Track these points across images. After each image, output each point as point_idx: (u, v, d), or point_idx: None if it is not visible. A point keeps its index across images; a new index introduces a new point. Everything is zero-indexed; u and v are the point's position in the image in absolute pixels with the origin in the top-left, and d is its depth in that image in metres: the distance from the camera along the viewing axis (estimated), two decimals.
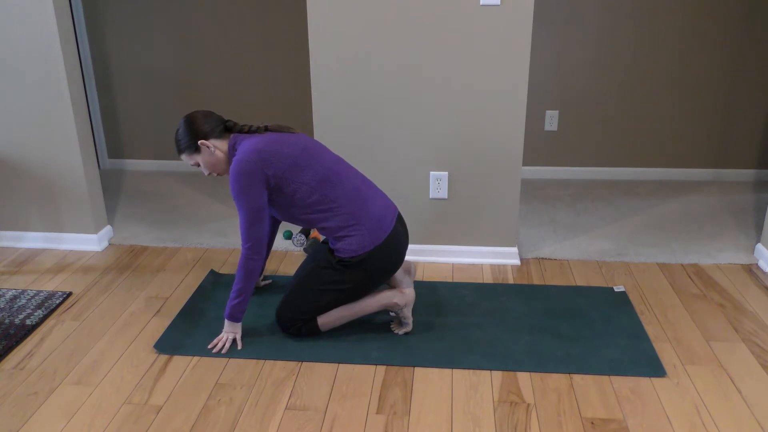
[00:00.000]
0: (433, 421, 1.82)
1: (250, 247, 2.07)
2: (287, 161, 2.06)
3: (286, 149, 2.08)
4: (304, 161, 2.09)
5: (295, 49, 3.77)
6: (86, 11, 3.84)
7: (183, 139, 2.13)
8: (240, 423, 1.82)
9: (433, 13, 2.44)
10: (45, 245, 3.01)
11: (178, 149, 2.16)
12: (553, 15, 3.51)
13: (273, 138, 2.10)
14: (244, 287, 2.11)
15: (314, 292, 2.15)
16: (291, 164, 2.06)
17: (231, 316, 2.16)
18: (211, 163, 2.15)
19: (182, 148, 2.14)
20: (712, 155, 3.75)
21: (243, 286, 2.11)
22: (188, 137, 2.12)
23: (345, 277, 2.12)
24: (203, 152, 2.13)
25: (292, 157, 2.07)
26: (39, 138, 2.83)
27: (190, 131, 2.11)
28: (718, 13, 3.44)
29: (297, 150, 2.09)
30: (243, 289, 2.12)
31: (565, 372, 2.01)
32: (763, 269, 2.68)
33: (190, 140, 2.12)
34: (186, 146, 2.13)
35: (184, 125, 2.12)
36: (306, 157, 2.09)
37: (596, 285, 2.58)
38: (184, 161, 2.25)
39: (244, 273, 2.10)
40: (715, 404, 1.87)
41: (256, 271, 2.11)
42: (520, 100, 2.54)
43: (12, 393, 1.96)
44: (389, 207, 2.19)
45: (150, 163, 4.15)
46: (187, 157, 2.16)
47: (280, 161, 2.05)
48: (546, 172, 3.86)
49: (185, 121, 2.13)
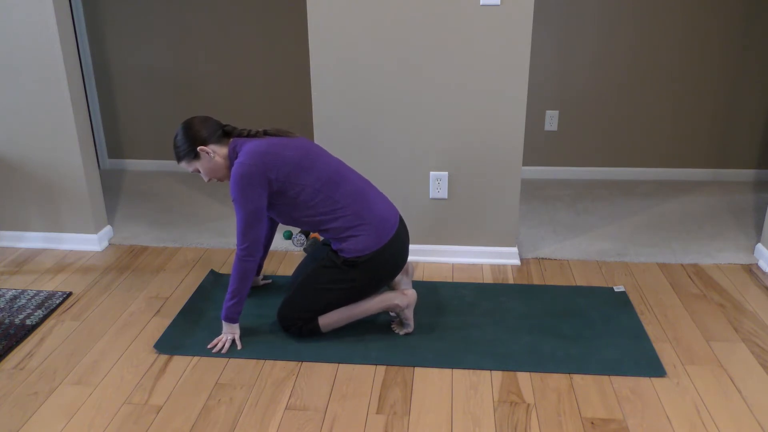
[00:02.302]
0: (433, 421, 1.82)
1: (245, 248, 2.07)
2: (290, 164, 2.06)
3: (289, 152, 2.08)
4: (308, 164, 2.08)
5: (295, 49, 3.77)
6: (86, 11, 3.84)
7: (182, 146, 2.12)
8: (240, 423, 1.82)
9: (433, 13, 2.44)
10: (45, 245, 3.01)
11: (177, 156, 2.15)
12: (553, 15, 3.51)
13: (274, 141, 2.10)
14: (239, 288, 2.11)
15: (316, 292, 2.15)
16: (294, 167, 2.06)
17: (227, 317, 2.16)
18: (211, 168, 2.15)
19: (181, 155, 2.13)
20: (712, 155, 3.75)
21: (237, 287, 2.11)
22: (187, 143, 2.10)
23: (349, 277, 2.12)
24: (203, 158, 2.13)
25: (294, 160, 2.07)
26: (39, 138, 2.83)
27: (188, 137, 2.10)
28: (718, 13, 3.44)
29: (299, 153, 2.09)
30: (237, 291, 2.11)
31: (565, 372, 2.01)
32: (763, 269, 2.68)
33: (189, 146, 2.11)
34: (185, 153, 2.12)
35: (182, 132, 2.11)
36: (309, 160, 2.09)
37: (596, 285, 2.58)
38: (184, 168, 2.25)
39: (239, 274, 2.09)
40: (715, 404, 1.87)
41: (250, 273, 2.10)
42: (520, 100, 2.54)
43: (12, 393, 1.96)
44: (391, 208, 2.19)
45: (150, 163, 4.15)
46: (187, 164, 2.15)
47: (283, 164, 2.05)
48: (546, 172, 3.86)
49: (183, 127, 2.12)
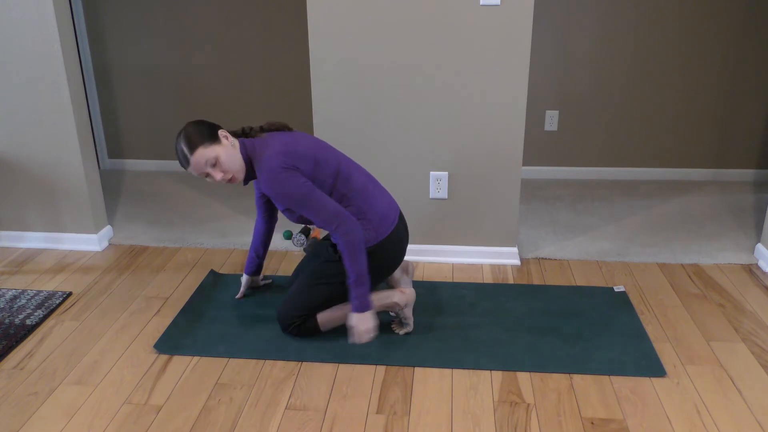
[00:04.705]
0: (433, 421, 1.82)
1: (337, 227, 1.98)
2: (310, 158, 2.03)
3: (302, 149, 2.04)
4: (321, 157, 2.07)
5: (295, 49, 3.77)
6: (86, 11, 3.84)
7: (199, 134, 1.95)
8: (240, 423, 1.82)
9: (433, 13, 2.44)
10: (45, 245, 3.01)
11: (193, 145, 1.95)
12: (553, 15, 3.51)
13: (284, 139, 2.05)
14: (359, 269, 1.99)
15: (315, 287, 2.14)
16: (313, 162, 2.04)
17: (363, 307, 2.03)
18: (231, 156, 1.99)
19: (199, 141, 1.95)
20: (712, 155, 3.75)
21: (357, 268, 1.99)
22: (205, 129, 1.97)
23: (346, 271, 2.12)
24: (223, 143, 1.98)
25: (311, 154, 2.04)
26: (39, 138, 2.83)
27: (202, 126, 1.98)
28: (718, 14, 3.44)
29: (312, 146, 2.07)
30: (358, 271, 1.99)
31: (565, 372, 2.01)
32: (763, 269, 2.68)
33: (209, 131, 1.97)
34: (206, 137, 1.95)
35: (193, 127, 1.98)
36: (321, 153, 2.07)
37: (596, 285, 2.58)
38: (197, 167, 1.98)
39: (350, 253, 1.97)
40: (715, 404, 1.87)
41: (359, 244, 1.99)
42: (520, 100, 2.54)
43: (12, 393, 1.96)
44: (392, 203, 2.19)
45: (150, 163, 4.15)
46: (204, 149, 1.95)
47: (305, 159, 2.02)
48: (546, 172, 3.86)
49: (189, 126, 1.99)
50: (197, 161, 1.97)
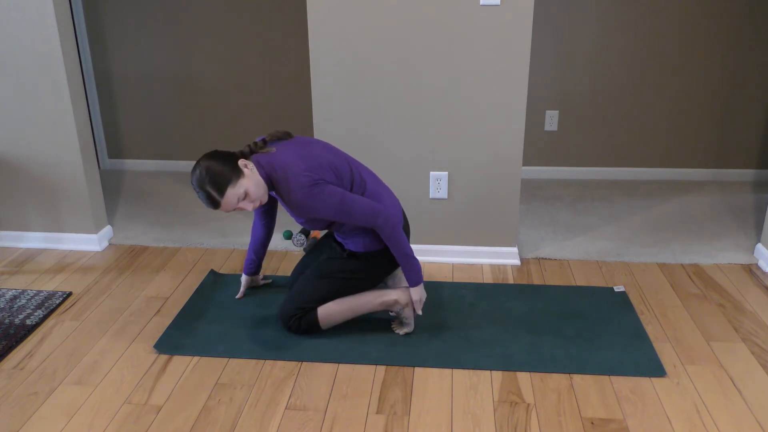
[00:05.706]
0: (433, 421, 1.82)
1: (383, 221, 2.02)
2: (331, 169, 2.03)
3: (322, 160, 2.02)
4: (336, 165, 2.06)
5: (295, 49, 3.77)
6: (86, 12, 3.84)
7: (221, 174, 1.87)
8: (240, 423, 1.82)
9: (433, 13, 2.44)
10: (45, 245, 3.01)
11: (220, 187, 1.87)
12: (553, 15, 3.51)
13: (298, 152, 2.01)
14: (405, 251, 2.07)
15: (318, 281, 2.16)
16: (333, 171, 2.03)
17: (418, 281, 2.13)
18: (258, 182, 1.93)
19: (226, 182, 1.87)
20: (712, 155, 3.75)
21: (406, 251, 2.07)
22: (225, 166, 1.89)
23: (349, 267, 2.15)
24: (247, 175, 1.91)
25: (327, 163, 2.03)
26: (39, 138, 2.83)
27: (221, 159, 1.91)
28: (718, 14, 3.44)
29: (325, 155, 2.06)
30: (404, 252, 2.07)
31: (565, 372, 2.01)
32: (763, 269, 2.68)
33: (231, 167, 1.89)
34: (229, 176, 1.88)
35: (216, 160, 1.90)
36: (335, 161, 2.07)
37: (596, 285, 2.58)
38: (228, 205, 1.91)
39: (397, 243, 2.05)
40: (715, 404, 1.87)
41: (402, 235, 2.07)
42: (520, 100, 2.54)
43: (12, 393, 1.96)
44: (396, 202, 2.19)
45: (150, 163, 4.15)
46: (233, 188, 1.88)
47: (328, 170, 2.02)
48: (546, 172, 3.86)
49: (207, 163, 1.89)
50: (229, 202, 1.90)
